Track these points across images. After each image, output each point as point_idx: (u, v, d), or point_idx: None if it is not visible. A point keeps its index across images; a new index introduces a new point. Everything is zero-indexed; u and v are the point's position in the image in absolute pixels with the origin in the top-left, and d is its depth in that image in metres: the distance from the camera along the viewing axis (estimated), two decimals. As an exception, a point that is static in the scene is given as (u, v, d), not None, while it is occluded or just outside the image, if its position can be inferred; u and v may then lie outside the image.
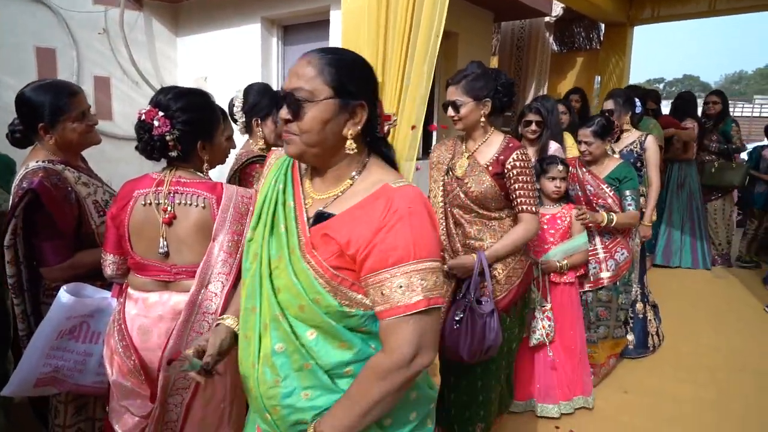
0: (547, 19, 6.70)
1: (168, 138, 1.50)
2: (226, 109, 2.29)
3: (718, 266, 5.51)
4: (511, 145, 2.11)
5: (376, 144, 1.17)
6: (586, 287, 2.96)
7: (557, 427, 2.63)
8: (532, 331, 2.65)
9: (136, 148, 1.56)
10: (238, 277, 1.48)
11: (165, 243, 1.51)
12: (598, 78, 7.07)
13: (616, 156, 3.48)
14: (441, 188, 2.26)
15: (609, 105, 3.56)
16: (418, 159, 3.30)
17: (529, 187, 2.07)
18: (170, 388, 1.49)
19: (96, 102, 4.96)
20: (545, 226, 2.75)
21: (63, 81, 1.92)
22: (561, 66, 7.52)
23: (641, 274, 3.46)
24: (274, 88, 2.39)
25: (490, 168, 2.10)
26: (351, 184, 1.11)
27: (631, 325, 3.40)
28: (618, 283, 3.00)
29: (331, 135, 1.07)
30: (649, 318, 3.50)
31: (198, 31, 5.39)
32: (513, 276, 2.15)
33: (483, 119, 2.12)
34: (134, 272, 1.60)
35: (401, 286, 1.00)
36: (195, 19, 5.39)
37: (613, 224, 2.86)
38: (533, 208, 2.08)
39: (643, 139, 3.50)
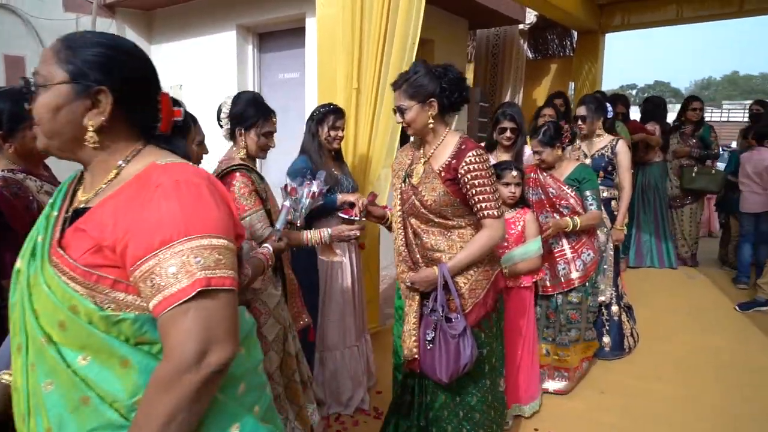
0: (521, 26, 6.82)
1: None
2: (215, 114, 2.27)
3: (688, 266, 5.65)
4: (464, 147, 1.94)
5: (156, 140, 1.03)
6: (558, 289, 2.94)
7: (536, 429, 2.65)
8: None
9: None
10: None
11: None
12: (572, 84, 7.21)
13: (588, 160, 3.55)
14: (399, 197, 2.11)
15: (582, 111, 3.62)
16: (395, 165, 3.32)
17: (489, 190, 1.91)
18: None
19: (67, 111, 4.88)
20: None
21: None
22: (535, 73, 7.64)
23: (615, 277, 3.52)
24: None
25: (443, 174, 1.95)
26: (117, 173, 0.97)
27: (608, 327, 3.45)
28: (587, 284, 2.98)
29: (68, 125, 0.93)
30: (623, 320, 3.56)
31: (172, 38, 5.34)
32: (477, 288, 2.00)
33: (431, 121, 1.95)
34: None
35: (173, 271, 0.83)
36: (169, 27, 5.34)
37: (578, 227, 2.87)
38: (496, 212, 1.93)
39: (614, 143, 3.57)
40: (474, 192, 1.91)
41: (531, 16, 6.62)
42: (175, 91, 5.31)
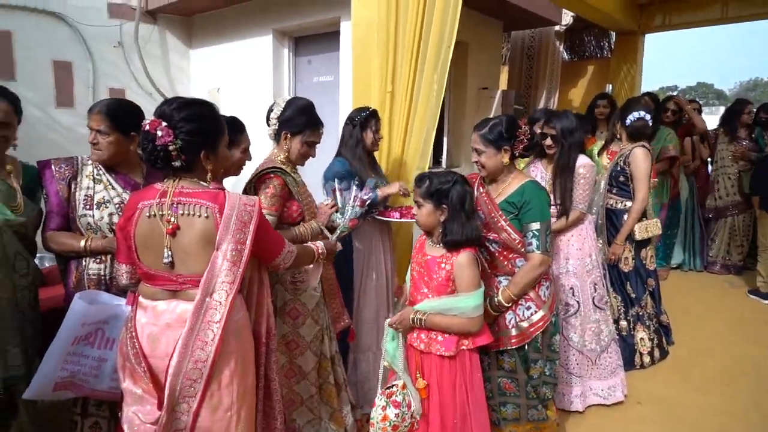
0: (557, 28, 6.72)
1: (171, 148, 1.50)
2: (265, 113, 2.31)
3: (732, 275, 5.48)
4: None
5: None
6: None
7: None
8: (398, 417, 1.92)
9: (142, 158, 1.58)
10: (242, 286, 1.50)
11: (170, 253, 1.52)
12: (609, 86, 7.06)
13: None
14: None
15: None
16: (429, 168, 3.32)
17: None
18: (177, 396, 1.49)
19: (111, 113, 5.06)
20: (421, 270, 1.99)
21: None
22: (571, 75, 7.52)
23: (638, 292, 3.36)
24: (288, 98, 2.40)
25: None
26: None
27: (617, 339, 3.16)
28: (527, 347, 2.14)
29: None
30: (641, 337, 3.36)
31: (211, 43, 5.48)
32: None
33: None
34: (144, 282, 1.62)
35: None
36: (208, 32, 5.49)
37: (510, 303, 2.10)
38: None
39: (629, 151, 3.31)
40: None
41: (567, 17, 6.52)
42: (212, 95, 5.44)
